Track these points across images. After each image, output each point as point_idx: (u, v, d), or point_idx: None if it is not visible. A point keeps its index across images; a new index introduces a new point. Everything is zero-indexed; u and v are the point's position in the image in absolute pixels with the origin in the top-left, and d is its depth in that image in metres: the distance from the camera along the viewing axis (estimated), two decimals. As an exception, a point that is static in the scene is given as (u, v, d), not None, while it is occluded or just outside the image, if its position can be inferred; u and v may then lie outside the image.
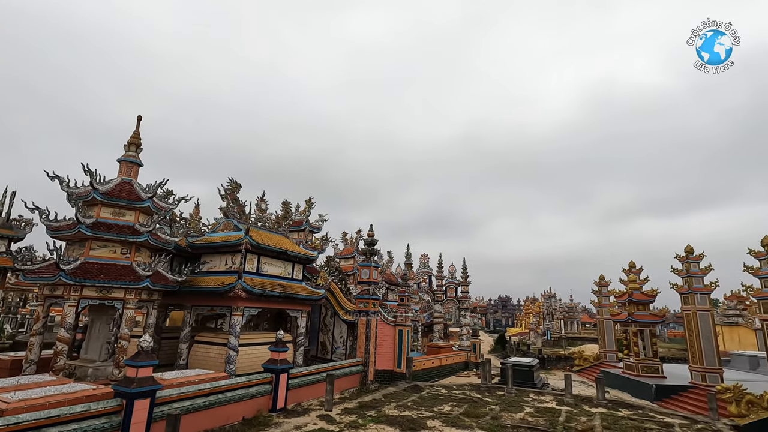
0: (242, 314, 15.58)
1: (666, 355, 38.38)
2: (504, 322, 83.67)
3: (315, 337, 22.54)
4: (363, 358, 19.62)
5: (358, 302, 20.50)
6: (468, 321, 32.62)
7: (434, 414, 14.07)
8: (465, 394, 17.89)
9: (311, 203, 22.36)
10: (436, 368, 26.07)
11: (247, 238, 15.92)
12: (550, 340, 48.52)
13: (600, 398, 16.46)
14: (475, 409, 14.77)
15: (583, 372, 30.64)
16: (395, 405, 15.33)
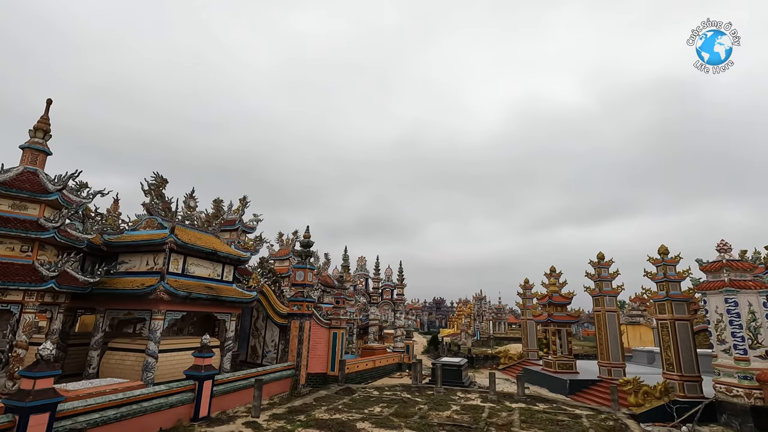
0: (164, 318, 14.60)
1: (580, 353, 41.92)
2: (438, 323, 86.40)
3: (245, 342, 21.72)
4: (295, 362, 19.25)
5: (292, 305, 20.09)
6: (403, 323, 33.24)
7: (364, 416, 14.16)
8: (396, 394, 18.20)
9: (245, 202, 21.56)
10: (370, 370, 26.27)
11: (172, 236, 14.97)
12: (479, 340, 50.90)
13: (520, 394, 17.57)
14: (404, 410, 15.09)
15: (507, 370, 32.51)
16: (326, 408, 15.22)
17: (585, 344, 47.05)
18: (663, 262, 20.95)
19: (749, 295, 17.00)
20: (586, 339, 54.35)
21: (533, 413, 14.81)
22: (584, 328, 60.36)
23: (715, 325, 17.77)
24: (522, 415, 14.42)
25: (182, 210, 17.76)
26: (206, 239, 17.75)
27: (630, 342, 40.84)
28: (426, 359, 37.42)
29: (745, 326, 16.76)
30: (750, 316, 16.80)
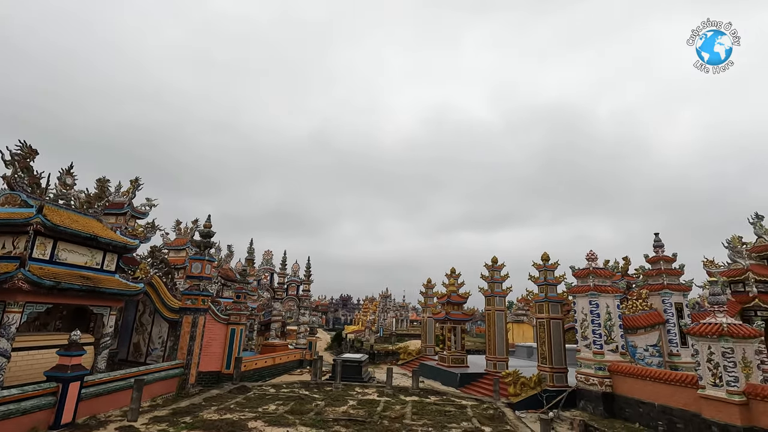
0: (21, 311, 12.52)
1: (472, 348, 45.29)
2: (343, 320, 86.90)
3: (127, 338, 19.60)
4: (185, 360, 17.87)
5: (186, 298, 18.63)
6: (307, 319, 32.80)
7: (258, 414, 13.67)
8: (294, 391, 17.89)
9: (137, 184, 19.42)
10: (269, 367, 25.46)
11: (38, 217, 12.90)
12: (382, 336, 52.30)
13: (415, 388, 18.43)
14: (300, 406, 14.90)
15: (406, 365, 33.91)
16: (216, 408, 14.38)
17: (477, 340, 50.98)
18: (544, 267, 23.57)
19: (607, 298, 19.90)
20: (478, 336, 58.95)
21: (425, 405, 15.64)
22: (477, 326, 65.44)
23: (580, 324, 20.47)
24: (414, 408, 15.14)
25: (56, 187, 15.41)
26: (85, 222, 15.63)
27: (514, 338, 45.24)
28: (329, 356, 37.39)
29: (603, 324, 19.58)
30: (607, 316, 19.66)
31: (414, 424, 12.87)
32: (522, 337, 45.63)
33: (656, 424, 16.12)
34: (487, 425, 12.97)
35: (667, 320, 20.70)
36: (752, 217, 21.74)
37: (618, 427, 16.81)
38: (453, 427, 12.51)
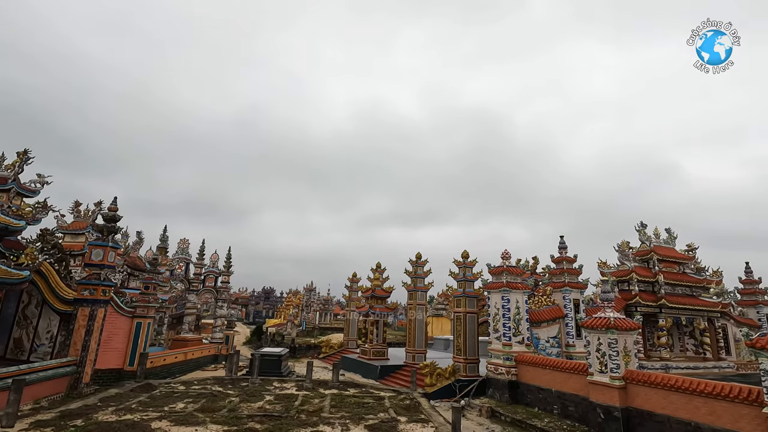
0: None
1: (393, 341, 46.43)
2: (265, 313, 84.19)
3: (6, 333, 17.10)
4: (78, 357, 16.03)
5: (83, 288, 16.69)
6: (225, 312, 31.21)
7: (163, 414, 12.71)
8: (206, 388, 16.93)
9: (25, 157, 16.91)
10: (180, 363, 23.84)
11: None
12: (305, 330, 51.55)
13: (335, 381, 18.42)
14: (212, 404, 14.14)
15: (328, 358, 33.81)
16: (114, 409, 13.11)
17: (398, 333, 52.40)
18: (464, 264, 24.86)
19: (518, 294, 21.54)
20: (400, 329, 60.61)
21: (344, 398, 15.71)
22: (399, 320, 67.25)
23: (493, 317, 21.93)
24: (333, 401, 15.13)
25: None
26: (-46, 197, 13.27)
27: (433, 332, 47.23)
28: (247, 350, 35.99)
29: (512, 318, 21.17)
30: (516, 311, 21.28)
31: (332, 416, 12.86)
32: (440, 330, 47.78)
33: (552, 408, 17.85)
34: (402, 415, 13.38)
35: (566, 314, 22.95)
36: (638, 226, 24.88)
37: (520, 412, 18.31)
38: (370, 418, 12.71)
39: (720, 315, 24.03)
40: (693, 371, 20.86)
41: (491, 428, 17.00)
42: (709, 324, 23.56)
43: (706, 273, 25.44)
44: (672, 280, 23.05)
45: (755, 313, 26.80)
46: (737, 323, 25.32)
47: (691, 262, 24.92)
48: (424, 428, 11.81)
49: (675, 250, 25.00)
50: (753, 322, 26.15)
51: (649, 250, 23.71)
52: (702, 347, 23.11)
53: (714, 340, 23.62)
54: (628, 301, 22.24)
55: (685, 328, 23.70)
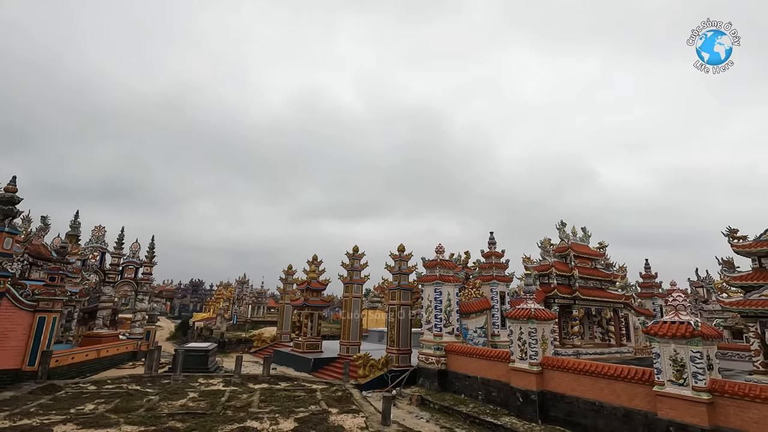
0: None
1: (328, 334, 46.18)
2: (192, 307, 79.72)
3: None
4: (-36, 357, 14.06)
5: (-29, 279, 14.62)
6: (146, 306, 29.05)
7: (69, 416, 11.56)
8: (121, 387, 15.67)
9: None
10: (91, 362, 21.84)
11: None
12: (236, 324, 49.59)
13: (265, 375, 17.94)
14: (128, 403, 13.12)
15: (260, 352, 32.83)
16: (8, 414, 11.68)
17: (333, 326, 52.24)
18: (399, 258, 25.32)
19: (449, 287, 22.38)
20: (335, 322, 60.47)
21: (274, 392, 15.35)
22: (335, 312, 67.08)
23: (426, 309, 22.62)
24: (263, 395, 14.73)
25: None
26: None
27: (369, 324, 47.71)
28: (171, 346, 33.86)
29: (444, 310, 21.98)
30: (448, 302, 22.12)
31: (261, 411, 12.52)
32: (376, 323, 48.40)
33: (477, 394, 18.86)
34: (334, 406, 13.37)
35: (493, 306, 24.31)
36: (558, 225, 26.95)
37: (448, 399, 19.13)
38: (301, 411, 12.55)
39: (623, 306, 26.85)
40: (599, 356, 23.09)
41: (420, 416, 17.58)
42: (614, 314, 26.23)
43: (613, 268, 28.24)
44: (585, 275, 25.29)
45: (651, 304, 30.30)
46: (637, 313, 28.46)
47: (601, 258, 27.51)
48: (355, 418, 11.91)
49: (589, 247, 27.44)
50: (649, 312, 29.55)
51: (567, 247, 25.80)
52: (608, 335, 25.68)
53: (617, 328, 26.36)
54: (547, 293, 24.03)
55: (594, 317, 26.17)
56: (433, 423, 16.66)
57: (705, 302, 35.99)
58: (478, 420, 16.34)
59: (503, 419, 15.90)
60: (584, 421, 14.09)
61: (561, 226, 26.69)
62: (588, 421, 13.97)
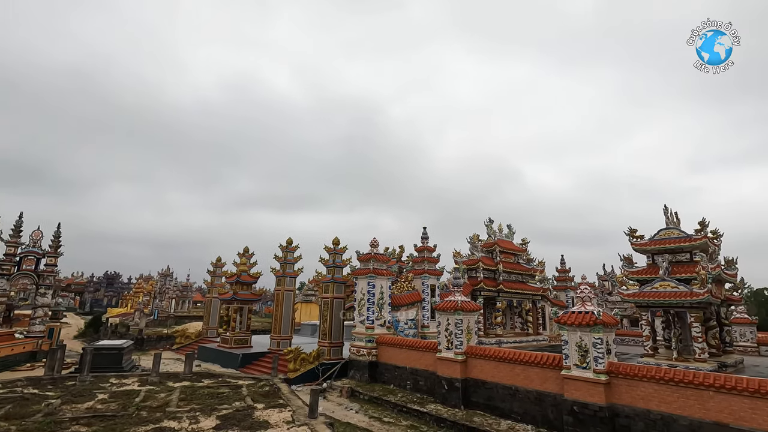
0: None
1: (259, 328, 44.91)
2: (107, 302, 73.10)
3: None
4: None
5: None
6: (48, 301, 26.14)
7: (-55, 427, 10.08)
8: (15, 391, 13.97)
9: None
10: (-23, 364, 19.24)
11: None
12: (156, 320, 46.32)
13: (187, 373, 17.00)
14: (22, 409, 11.75)
15: (183, 349, 30.99)
16: None
17: (265, 320, 50.81)
18: (334, 251, 25.21)
19: (383, 280, 22.73)
20: (267, 316, 58.86)
21: (196, 390, 14.60)
22: (267, 306, 65.21)
23: (359, 302, 22.78)
24: (182, 394, 13.94)
25: None
26: None
27: (302, 317, 47.09)
28: (80, 344, 30.85)
29: (377, 303, 22.29)
30: (380, 295, 22.46)
31: (179, 410, 11.84)
32: (309, 316, 47.89)
33: (406, 383, 19.42)
34: (260, 402, 13.03)
35: (423, 299, 25.09)
36: (486, 221, 28.45)
37: (377, 390, 19.50)
38: (224, 409, 12.07)
39: (541, 298, 29.07)
40: (519, 345, 24.83)
41: (350, 407, 17.74)
42: (532, 305, 28.31)
43: (533, 263, 30.43)
44: (509, 269, 26.98)
45: (565, 296, 33.12)
46: (552, 304, 30.94)
47: (523, 254, 29.51)
48: (281, 413, 11.71)
49: (513, 243, 29.29)
50: (563, 303, 32.30)
51: (494, 243, 27.33)
52: (526, 324, 27.68)
53: (535, 318, 28.50)
54: (474, 286, 25.31)
55: (516, 309, 28.05)
56: (362, 413, 16.91)
57: (609, 294, 40.17)
58: (406, 408, 16.87)
59: (429, 407, 16.55)
60: (502, 405, 15.11)
61: (489, 223, 28.18)
62: (505, 405, 15.00)
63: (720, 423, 10.27)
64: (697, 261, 17.77)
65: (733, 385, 10.17)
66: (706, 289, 16.28)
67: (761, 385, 9.81)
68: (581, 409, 12.54)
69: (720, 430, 10.26)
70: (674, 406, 11.08)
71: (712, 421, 10.41)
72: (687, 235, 18.36)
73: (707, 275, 16.61)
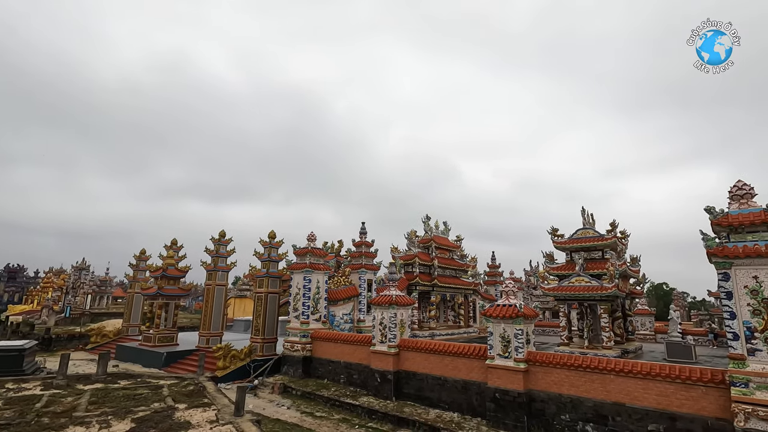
0: None
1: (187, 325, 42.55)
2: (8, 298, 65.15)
3: None
4: None
5: None
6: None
7: None
8: None
9: None
10: None
11: None
12: (68, 317, 42.10)
13: (101, 374, 15.66)
14: None
15: (99, 348, 28.54)
16: None
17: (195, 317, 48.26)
18: (270, 245, 24.53)
19: (319, 275, 22.52)
20: (198, 312, 55.90)
21: (109, 392, 13.49)
22: (198, 302, 61.90)
23: (294, 297, 22.39)
24: (94, 397, 12.81)
25: None
26: None
27: (236, 313, 45.32)
28: (-30, 346, 27.18)
29: (312, 297, 22.05)
30: (317, 290, 22.24)
31: (89, 414, 10.87)
32: (243, 312, 46.17)
33: (340, 377, 19.46)
34: (182, 402, 12.34)
35: (360, 293, 25.26)
36: (424, 218, 29.23)
37: (311, 385, 19.35)
38: (141, 411, 11.27)
39: (472, 292, 30.50)
40: (451, 336, 25.86)
41: (282, 403, 17.44)
42: (464, 299, 29.60)
43: (466, 259, 31.81)
44: (443, 264, 27.96)
45: (495, 290, 35.02)
46: (483, 298, 32.58)
47: (458, 250, 30.73)
48: (205, 412, 11.19)
49: (448, 239, 30.38)
50: (493, 297, 34.12)
51: (430, 239, 28.16)
52: (458, 317, 28.90)
53: (467, 311, 29.85)
54: (410, 281, 25.92)
55: (449, 302, 29.18)
56: (294, 409, 16.71)
57: (534, 288, 43.10)
58: (339, 402, 16.92)
59: (361, 399, 16.75)
60: (431, 394, 15.67)
61: (426, 220, 28.96)
62: (434, 395, 15.58)
63: (618, 403, 11.47)
64: (608, 258, 19.62)
65: (630, 369, 11.40)
66: (613, 283, 18.02)
67: (651, 368, 11.09)
68: (502, 396, 13.36)
69: (618, 409, 11.45)
70: (582, 390, 12.17)
71: (612, 402, 11.58)
72: (600, 235, 20.17)
73: (615, 271, 18.40)
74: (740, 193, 11.20)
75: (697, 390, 10.41)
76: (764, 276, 9.96)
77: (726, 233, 10.86)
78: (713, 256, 10.68)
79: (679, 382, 10.65)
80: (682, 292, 63.12)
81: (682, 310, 47.89)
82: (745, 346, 9.92)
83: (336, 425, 14.83)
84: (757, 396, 9.42)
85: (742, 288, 10.17)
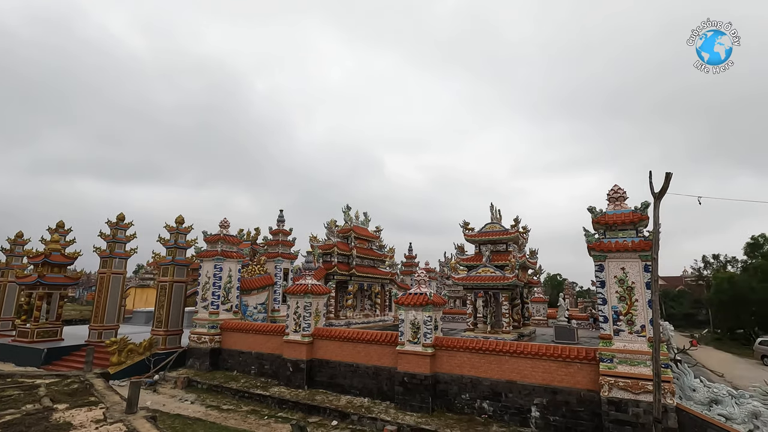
0: None
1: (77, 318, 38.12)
2: None
3: None
4: None
5: None
6: None
7: None
8: None
9: None
10: None
11: None
12: None
13: (-42, 375, 13.39)
14: None
15: (-43, 348, 24.28)
16: None
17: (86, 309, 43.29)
18: (177, 230, 22.79)
19: (232, 263, 21.49)
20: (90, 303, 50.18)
21: (-31, 396, 11.62)
22: (90, 292, 55.52)
23: (203, 286, 21.11)
24: (-53, 402, 10.94)
25: None
26: None
27: (136, 304, 41.50)
28: None
29: (224, 287, 20.99)
30: (228, 279, 21.21)
31: (-62, 423, 9.27)
32: (145, 302, 42.42)
33: (251, 369, 18.86)
34: (63, 402, 11.04)
35: (276, 282, 24.62)
36: (344, 208, 29.26)
37: (219, 377, 18.50)
38: (8, 414, 9.89)
39: (389, 281, 31.34)
40: (366, 325, 26.37)
41: (185, 398, 16.47)
42: (381, 288, 30.34)
43: (384, 249, 32.55)
44: (362, 254, 28.32)
45: (410, 279, 36.37)
46: (399, 287, 33.67)
47: (376, 240, 31.30)
48: (91, 411, 10.14)
49: (368, 230, 30.79)
50: (408, 286, 35.41)
51: (350, 229, 28.29)
52: (375, 306, 29.56)
53: (383, 300, 30.63)
54: (328, 270, 25.86)
55: (366, 292, 29.69)
56: (199, 403, 15.88)
57: (447, 278, 45.57)
58: (248, 394, 16.43)
59: (272, 390, 16.43)
60: (343, 381, 15.89)
61: (346, 210, 29.01)
62: (346, 381, 15.82)
63: (511, 381, 12.67)
64: (511, 251, 21.40)
65: (522, 350, 12.63)
66: (514, 274, 19.74)
67: (539, 349, 12.40)
68: (410, 380, 14.01)
69: (510, 386, 12.65)
70: (481, 371, 13.22)
71: (506, 380, 12.75)
72: (504, 229, 21.90)
73: (516, 263, 20.15)
74: (615, 196, 12.90)
75: (574, 366, 11.89)
76: (629, 267, 11.64)
77: (603, 230, 12.45)
78: (592, 250, 12.21)
79: (560, 361, 12.06)
80: (572, 282, 71.31)
81: (571, 298, 54.14)
82: (612, 327, 11.53)
83: (244, 417, 14.39)
84: (618, 369, 11.03)
85: (613, 278, 11.79)
